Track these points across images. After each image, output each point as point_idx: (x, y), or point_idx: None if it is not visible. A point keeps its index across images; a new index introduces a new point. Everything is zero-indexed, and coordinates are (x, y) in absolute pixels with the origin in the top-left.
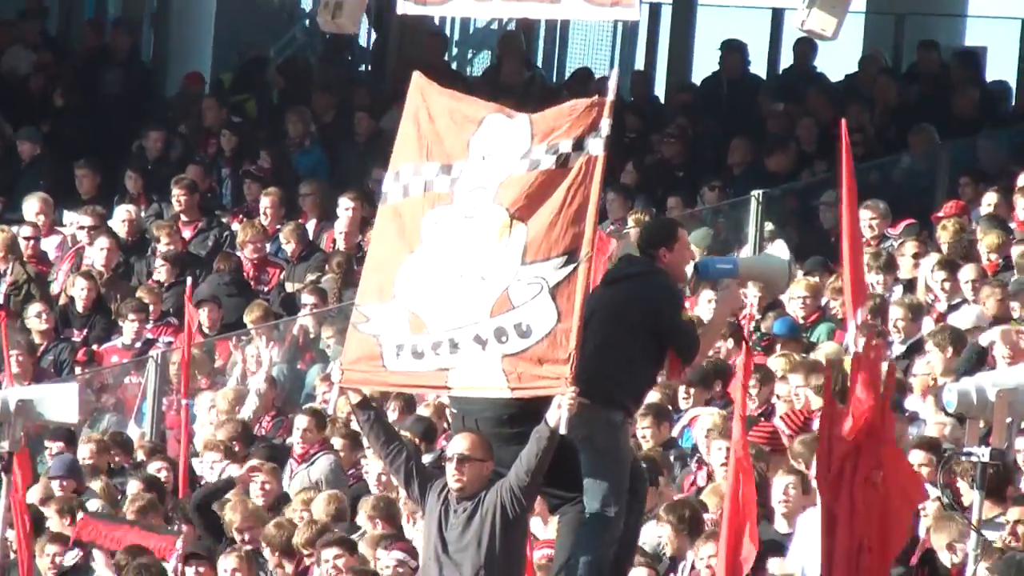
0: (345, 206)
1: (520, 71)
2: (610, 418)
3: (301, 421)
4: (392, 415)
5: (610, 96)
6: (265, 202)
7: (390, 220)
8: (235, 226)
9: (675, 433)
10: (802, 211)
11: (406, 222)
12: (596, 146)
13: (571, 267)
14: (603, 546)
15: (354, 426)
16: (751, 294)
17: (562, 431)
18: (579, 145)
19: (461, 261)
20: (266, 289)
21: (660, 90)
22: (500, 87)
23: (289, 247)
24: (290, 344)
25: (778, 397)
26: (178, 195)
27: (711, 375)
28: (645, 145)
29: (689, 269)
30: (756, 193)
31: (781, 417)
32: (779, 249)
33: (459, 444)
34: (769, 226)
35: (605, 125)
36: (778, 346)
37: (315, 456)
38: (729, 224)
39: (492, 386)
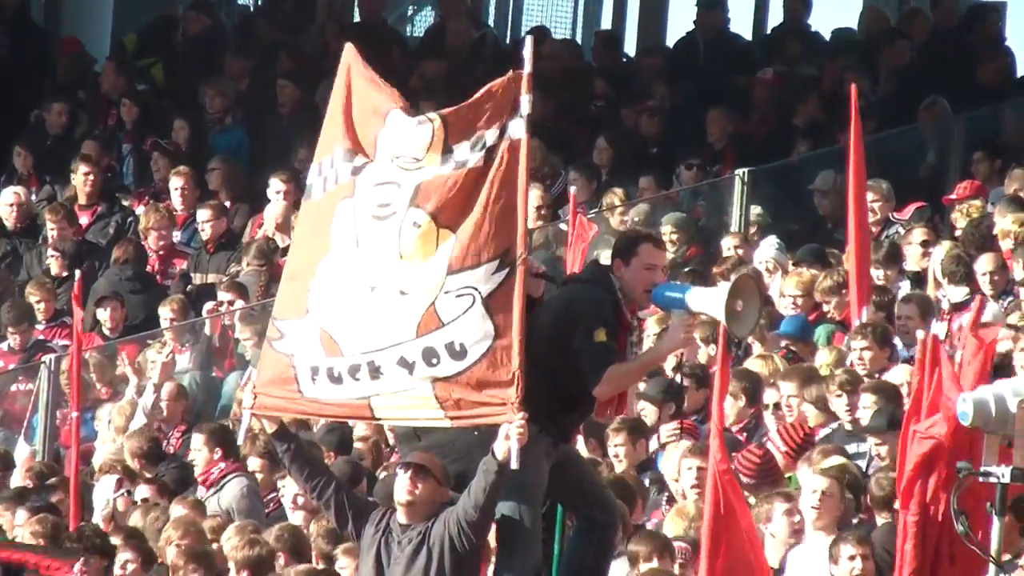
0: (276, 188)
1: (468, 30)
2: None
3: (196, 441)
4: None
5: (527, 67)
6: (176, 182)
7: (308, 219)
8: (140, 210)
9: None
10: (792, 193)
11: (321, 222)
12: (518, 128)
13: (504, 272)
14: (522, 556)
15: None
16: None
17: (513, 465)
18: (503, 132)
19: (372, 271)
20: (171, 282)
21: (629, 49)
22: (445, 49)
23: (206, 233)
24: (204, 347)
25: (767, 407)
26: (85, 174)
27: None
28: (615, 116)
29: None
30: (740, 172)
31: (777, 431)
32: (718, 294)
33: (415, 455)
34: (756, 210)
35: (525, 102)
36: (781, 346)
37: (224, 480)
38: (710, 207)
39: (425, 416)
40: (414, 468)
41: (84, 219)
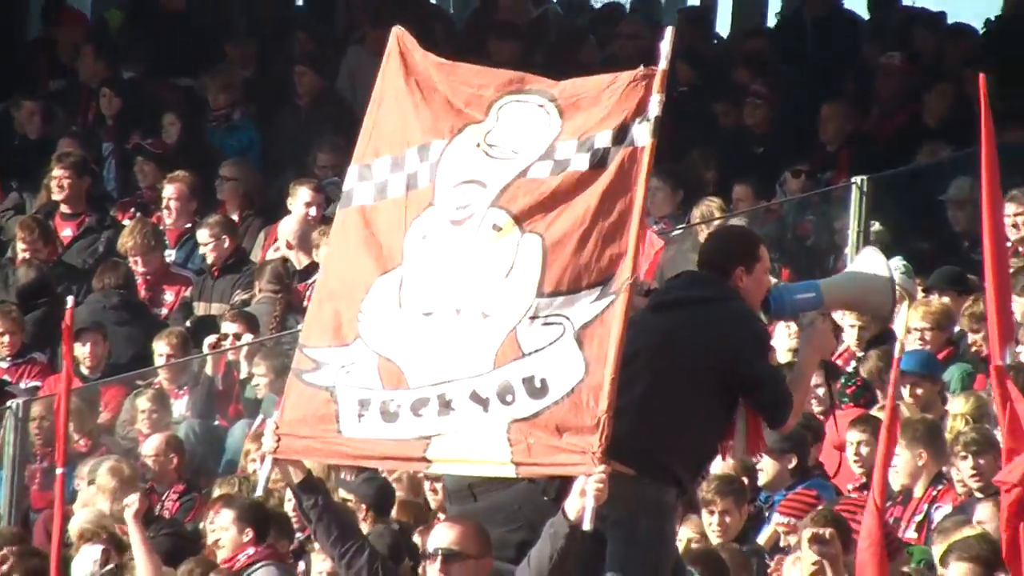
0: (304, 199)
1: (525, 5)
2: (659, 497)
3: (224, 518)
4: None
5: (662, 64)
6: (169, 190)
7: (355, 230)
8: (126, 224)
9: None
10: (921, 205)
11: (380, 233)
12: (642, 135)
13: (607, 301)
14: None
15: None
16: (848, 325)
17: (586, 526)
18: (620, 136)
19: (456, 289)
20: (165, 312)
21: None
22: (498, 27)
23: (212, 253)
24: (204, 390)
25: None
26: (60, 178)
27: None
28: (703, 108)
29: None
30: (858, 180)
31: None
32: (871, 261)
33: (444, 536)
34: (875, 226)
35: (655, 104)
36: (905, 386)
37: (253, 568)
38: (820, 223)
39: (489, 459)
40: (443, 557)
41: (68, 231)
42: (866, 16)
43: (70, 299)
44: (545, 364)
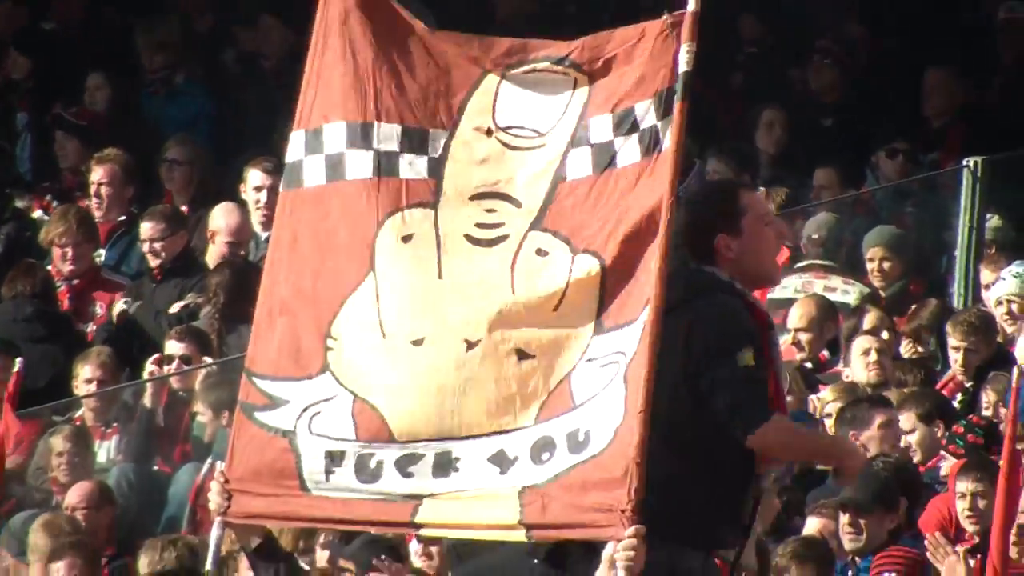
0: (255, 182)
1: None
2: (701, 566)
3: None
4: None
5: (691, 3)
6: (97, 173)
7: (308, 221)
8: (39, 214)
9: None
10: None
11: (340, 229)
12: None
13: (643, 323)
14: None
15: None
16: (951, 348)
17: None
18: (666, 107)
19: (471, 318)
20: (92, 327)
21: None
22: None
23: (154, 253)
24: (141, 427)
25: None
26: None
27: (891, 486)
28: (771, 72)
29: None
30: (970, 162)
31: None
32: None
33: None
34: (992, 219)
35: (684, 58)
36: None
37: None
38: (923, 216)
39: (494, 521)
40: None
41: None
42: None
43: None
44: (594, 413)
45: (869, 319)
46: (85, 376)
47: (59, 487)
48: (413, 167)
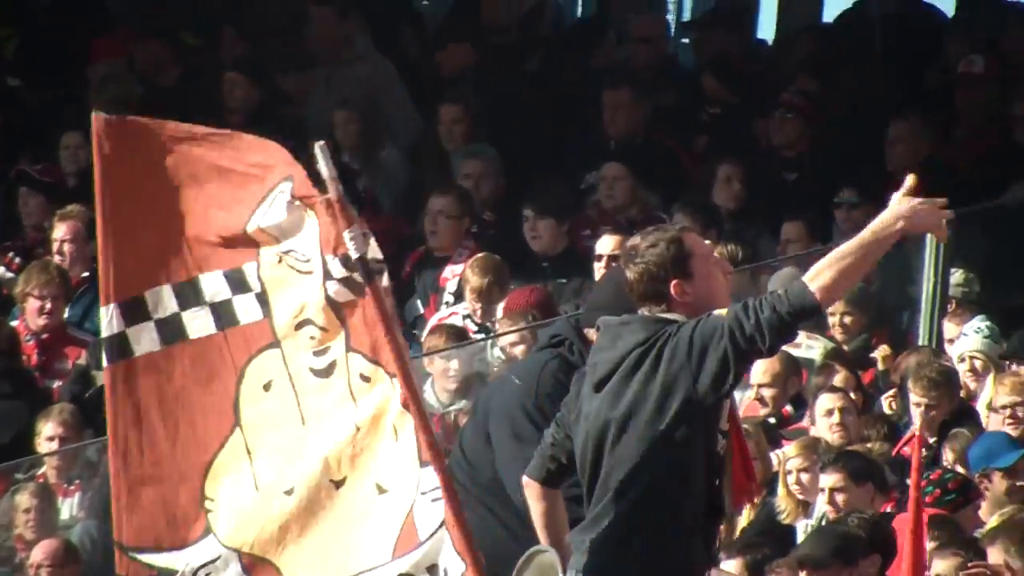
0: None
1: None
2: None
3: None
4: None
5: (332, 192)
6: (60, 230)
7: (151, 388)
8: (1, 271)
9: None
10: (1016, 248)
11: (193, 386)
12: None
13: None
14: None
15: None
16: (913, 403)
17: None
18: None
19: (336, 458)
20: (57, 384)
21: (766, 34)
22: (484, 32)
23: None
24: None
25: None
26: None
27: (853, 542)
28: (741, 128)
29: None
30: None
31: None
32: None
33: None
34: (956, 275)
35: (351, 244)
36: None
37: None
38: (887, 271)
39: None
40: None
41: None
42: (950, 12)
43: None
44: (441, 550)
45: (838, 379)
46: (47, 434)
47: (24, 544)
48: (247, 311)
